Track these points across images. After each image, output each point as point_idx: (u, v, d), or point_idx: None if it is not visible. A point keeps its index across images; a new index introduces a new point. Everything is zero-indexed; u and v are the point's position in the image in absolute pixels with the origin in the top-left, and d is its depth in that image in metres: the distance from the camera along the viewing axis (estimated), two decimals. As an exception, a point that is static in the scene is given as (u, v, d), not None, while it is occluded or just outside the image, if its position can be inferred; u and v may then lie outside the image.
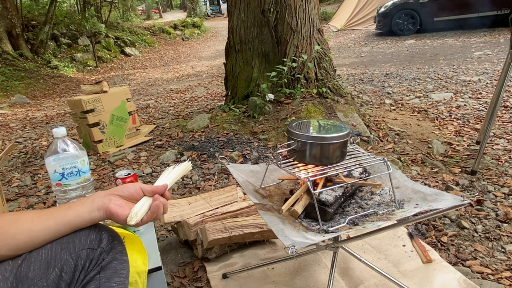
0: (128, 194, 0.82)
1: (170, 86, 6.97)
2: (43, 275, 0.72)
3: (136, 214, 0.79)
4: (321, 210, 1.17)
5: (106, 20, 14.02)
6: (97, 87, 3.19)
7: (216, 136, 3.08)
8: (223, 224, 1.60)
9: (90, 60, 10.68)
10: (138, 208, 0.80)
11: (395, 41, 8.82)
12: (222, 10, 24.34)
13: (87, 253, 0.77)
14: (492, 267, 1.50)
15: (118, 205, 0.81)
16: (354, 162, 1.30)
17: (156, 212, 0.83)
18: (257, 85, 3.38)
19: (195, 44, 14.96)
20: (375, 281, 1.44)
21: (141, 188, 0.83)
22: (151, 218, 0.83)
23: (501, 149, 2.59)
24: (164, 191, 0.84)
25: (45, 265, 0.73)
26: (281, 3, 3.19)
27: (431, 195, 1.17)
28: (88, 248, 0.77)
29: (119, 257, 0.81)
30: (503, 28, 7.92)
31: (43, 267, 0.73)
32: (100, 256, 0.78)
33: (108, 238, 0.81)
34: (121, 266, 0.80)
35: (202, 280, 1.56)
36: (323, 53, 3.45)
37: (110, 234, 0.82)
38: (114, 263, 0.79)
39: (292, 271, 1.55)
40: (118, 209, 0.80)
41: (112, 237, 0.82)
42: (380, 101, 4.08)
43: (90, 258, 0.77)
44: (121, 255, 0.81)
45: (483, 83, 4.34)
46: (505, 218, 1.79)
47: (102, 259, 0.78)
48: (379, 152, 2.65)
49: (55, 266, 0.73)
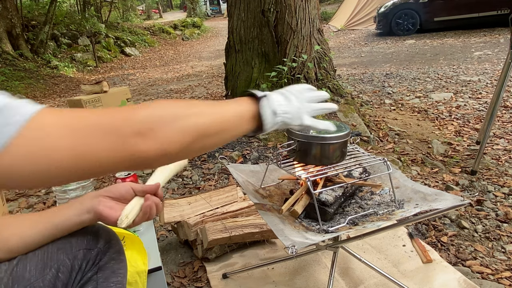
0: (119, 194, 0.79)
1: (170, 86, 6.96)
2: (39, 275, 0.72)
3: (126, 217, 0.75)
4: (321, 210, 1.17)
5: (106, 20, 14.02)
6: (97, 87, 3.19)
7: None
8: (223, 224, 1.60)
9: (90, 60, 10.68)
10: (128, 210, 0.76)
11: (395, 41, 8.82)
12: (222, 10, 24.34)
13: (84, 254, 0.76)
14: (492, 267, 1.50)
15: (108, 207, 0.78)
16: (354, 162, 1.30)
17: (148, 213, 0.79)
18: (257, 85, 3.38)
19: (195, 44, 14.95)
20: (375, 281, 1.44)
21: (132, 188, 0.80)
22: (143, 219, 0.80)
23: (501, 149, 2.59)
24: (156, 190, 0.81)
25: (42, 265, 0.73)
26: (281, 3, 3.19)
27: (431, 195, 1.17)
28: (85, 249, 0.76)
29: (117, 256, 0.80)
30: (503, 28, 7.92)
31: (40, 267, 0.73)
32: (97, 256, 0.77)
33: (105, 238, 0.80)
34: (119, 266, 0.79)
35: (202, 280, 1.56)
36: (323, 53, 3.45)
37: (107, 234, 0.82)
38: (111, 263, 0.78)
39: (292, 271, 1.55)
40: (108, 211, 0.77)
41: (109, 237, 0.81)
42: (380, 101, 4.08)
43: (87, 259, 0.76)
44: (118, 254, 0.81)
45: (483, 83, 4.34)
46: (505, 218, 1.79)
47: (99, 259, 0.77)
48: (379, 152, 2.65)
49: (51, 267, 0.73)
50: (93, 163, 0.49)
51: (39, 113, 0.46)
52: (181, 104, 0.61)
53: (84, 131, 0.48)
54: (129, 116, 0.52)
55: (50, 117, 0.47)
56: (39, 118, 0.46)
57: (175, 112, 0.57)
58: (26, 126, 0.44)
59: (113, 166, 0.51)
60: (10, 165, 0.44)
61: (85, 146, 0.48)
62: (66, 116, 0.49)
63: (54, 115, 0.48)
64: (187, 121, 0.57)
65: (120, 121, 0.51)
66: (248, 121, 0.68)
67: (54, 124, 0.47)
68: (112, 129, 0.50)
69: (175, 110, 0.57)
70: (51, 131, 0.46)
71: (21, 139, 0.44)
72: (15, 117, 0.44)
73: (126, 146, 0.50)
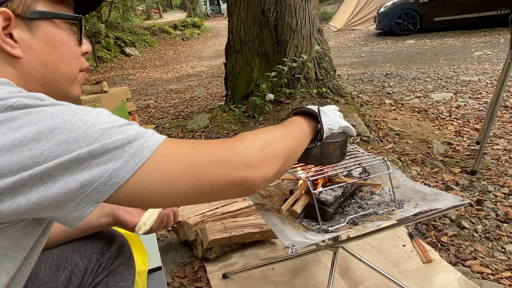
0: None
1: (170, 86, 6.96)
2: (53, 276, 0.73)
3: (145, 224, 0.78)
4: (321, 210, 1.17)
5: (106, 20, 14.01)
6: (97, 87, 3.19)
7: (216, 136, 3.08)
8: (223, 224, 1.60)
9: (90, 60, 10.67)
10: (147, 217, 0.79)
11: (395, 41, 8.82)
12: (222, 10, 24.33)
13: (98, 257, 0.78)
14: (492, 267, 1.50)
15: (128, 212, 0.81)
16: (354, 162, 1.30)
17: (166, 221, 0.83)
18: (257, 85, 3.38)
19: (195, 44, 14.95)
20: (375, 281, 1.44)
21: None
22: (160, 226, 0.83)
23: (501, 149, 2.59)
24: None
25: (56, 266, 0.74)
26: (281, 3, 3.19)
27: (431, 195, 1.17)
28: (98, 253, 0.79)
29: (127, 262, 0.82)
30: (503, 28, 7.91)
31: (54, 267, 0.74)
32: (109, 260, 0.79)
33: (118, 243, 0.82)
34: (129, 271, 0.81)
35: (202, 280, 1.56)
36: (323, 53, 3.45)
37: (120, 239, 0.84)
38: (121, 267, 0.80)
39: (292, 271, 1.55)
40: (127, 216, 0.80)
41: (122, 243, 0.83)
42: (380, 101, 4.08)
43: (99, 262, 0.78)
44: (128, 260, 0.83)
45: (483, 83, 4.34)
46: (505, 218, 1.79)
47: (111, 264, 0.79)
48: (379, 152, 2.65)
49: (65, 268, 0.74)
50: (207, 190, 0.56)
51: (164, 142, 0.53)
52: (263, 132, 0.68)
53: (201, 161, 0.55)
54: (236, 149, 0.59)
55: (173, 146, 0.54)
56: (165, 147, 0.53)
57: (265, 139, 0.64)
58: (156, 152, 0.51)
59: (223, 192, 0.57)
60: (141, 186, 0.51)
61: (202, 174, 0.55)
62: (186, 146, 0.56)
63: (175, 145, 0.55)
64: (276, 146, 0.65)
65: (230, 153, 0.58)
66: (310, 137, 0.84)
67: (176, 153, 0.54)
68: (223, 161, 0.56)
69: (264, 138, 0.64)
70: (175, 159, 0.53)
71: (152, 163, 0.51)
72: (148, 142, 0.51)
73: (235, 175, 0.57)
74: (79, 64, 0.64)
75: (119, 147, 0.49)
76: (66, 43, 0.60)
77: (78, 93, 0.65)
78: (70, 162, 0.46)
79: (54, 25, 0.58)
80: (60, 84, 0.61)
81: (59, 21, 0.58)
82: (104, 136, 0.48)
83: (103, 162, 0.48)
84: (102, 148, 0.48)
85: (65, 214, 0.48)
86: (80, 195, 0.47)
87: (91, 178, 0.47)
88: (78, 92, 0.66)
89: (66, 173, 0.46)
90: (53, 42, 0.58)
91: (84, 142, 0.47)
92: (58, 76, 0.60)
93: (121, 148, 0.49)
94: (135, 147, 0.50)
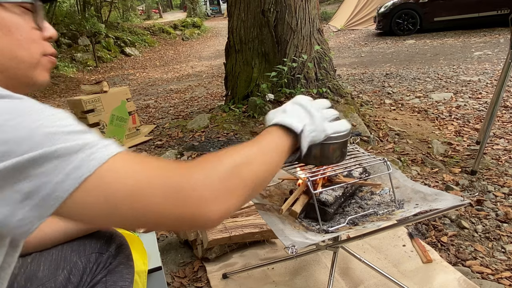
0: None
1: (170, 86, 6.96)
2: (51, 276, 0.73)
3: None
4: (321, 210, 1.17)
5: (106, 20, 14.01)
6: (97, 87, 3.19)
7: (216, 136, 3.08)
8: (223, 224, 1.60)
9: (90, 60, 10.68)
10: None
11: (395, 41, 8.82)
12: (222, 10, 24.33)
13: (96, 257, 0.78)
14: (492, 267, 1.50)
15: None
16: (354, 162, 1.30)
17: None
18: (257, 85, 3.38)
19: (195, 44, 14.95)
20: (375, 281, 1.44)
21: None
22: None
23: (501, 149, 2.59)
24: None
25: (55, 265, 0.74)
26: (281, 3, 3.19)
27: (431, 195, 1.17)
28: (97, 252, 0.79)
29: (125, 261, 0.82)
30: (503, 28, 7.91)
31: (53, 267, 0.74)
32: (107, 260, 0.79)
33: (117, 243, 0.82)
34: (127, 271, 0.81)
35: (202, 280, 1.56)
36: (323, 53, 3.45)
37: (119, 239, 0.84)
38: (120, 267, 0.80)
39: (292, 271, 1.55)
40: None
41: (120, 242, 0.83)
42: (380, 101, 4.08)
43: (98, 262, 0.78)
44: (127, 260, 0.83)
45: (483, 83, 4.34)
46: (505, 218, 1.79)
47: (110, 263, 0.79)
48: (379, 152, 2.65)
49: (64, 268, 0.74)
50: (152, 221, 0.49)
51: (115, 157, 0.47)
52: (230, 154, 0.58)
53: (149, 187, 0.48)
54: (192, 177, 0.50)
55: (124, 163, 0.48)
56: (114, 162, 0.47)
57: (231, 164, 0.55)
58: (103, 166, 0.45)
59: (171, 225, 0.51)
60: (83, 203, 0.45)
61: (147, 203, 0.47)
62: (138, 164, 0.49)
63: (127, 162, 0.48)
64: (244, 172, 0.56)
65: (186, 182, 0.50)
66: (287, 154, 0.71)
67: (125, 171, 0.47)
68: (175, 190, 0.49)
69: (229, 163, 0.55)
70: (122, 178, 0.47)
71: (95, 178, 0.45)
72: (96, 154, 0.46)
73: (186, 211, 0.49)
74: (40, 49, 0.59)
75: (61, 156, 0.43)
76: (21, 27, 0.56)
77: (44, 78, 0.61)
78: (8, 170, 0.41)
79: (4, 9, 0.54)
80: (19, 71, 0.57)
81: (10, 5, 0.55)
82: (47, 142, 0.43)
83: (45, 173, 0.42)
84: (42, 156, 0.42)
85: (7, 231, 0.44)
86: (21, 208, 0.42)
87: (32, 189, 0.42)
88: (45, 77, 0.61)
89: (4, 183, 0.41)
90: (6, 27, 0.54)
91: (26, 145, 0.42)
92: (16, 63, 0.56)
93: (64, 158, 0.43)
94: (80, 158, 0.44)
